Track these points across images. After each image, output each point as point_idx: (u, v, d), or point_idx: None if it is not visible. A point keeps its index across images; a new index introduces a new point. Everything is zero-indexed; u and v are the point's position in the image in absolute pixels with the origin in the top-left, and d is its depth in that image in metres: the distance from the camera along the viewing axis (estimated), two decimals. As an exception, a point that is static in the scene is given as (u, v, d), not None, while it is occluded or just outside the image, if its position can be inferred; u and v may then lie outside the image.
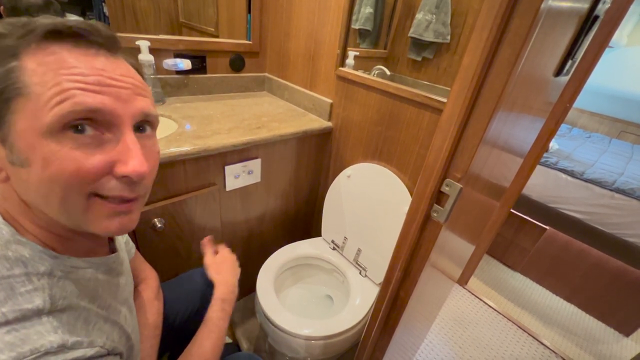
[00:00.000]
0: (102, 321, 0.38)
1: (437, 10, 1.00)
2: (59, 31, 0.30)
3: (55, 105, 0.28)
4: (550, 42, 0.53)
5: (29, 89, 0.28)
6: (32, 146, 0.29)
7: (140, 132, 0.36)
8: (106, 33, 0.33)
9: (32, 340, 0.29)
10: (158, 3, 1.11)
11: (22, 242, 0.33)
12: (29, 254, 0.33)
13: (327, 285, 1.25)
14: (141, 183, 0.35)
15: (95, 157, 0.31)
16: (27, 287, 0.31)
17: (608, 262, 1.62)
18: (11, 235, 0.33)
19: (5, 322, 0.29)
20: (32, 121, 0.29)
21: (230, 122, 1.02)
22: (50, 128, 0.29)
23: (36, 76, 0.29)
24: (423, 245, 0.62)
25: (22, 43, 0.29)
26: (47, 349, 0.30)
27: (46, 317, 0.31)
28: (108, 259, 0.44)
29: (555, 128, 1.29)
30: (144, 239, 0.88)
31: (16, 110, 0.29)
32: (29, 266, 0.32)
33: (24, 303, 0.30)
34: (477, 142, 0.49)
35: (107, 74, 0.32)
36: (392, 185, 0.99)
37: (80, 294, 0.36)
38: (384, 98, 0.98)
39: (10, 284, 0.31)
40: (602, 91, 3.01)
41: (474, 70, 0.45)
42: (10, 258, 0.32)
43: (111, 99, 0.31)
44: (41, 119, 0.29)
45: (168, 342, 0.70)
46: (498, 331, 1.52)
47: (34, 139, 0.29)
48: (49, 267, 0.34)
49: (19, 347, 0.29)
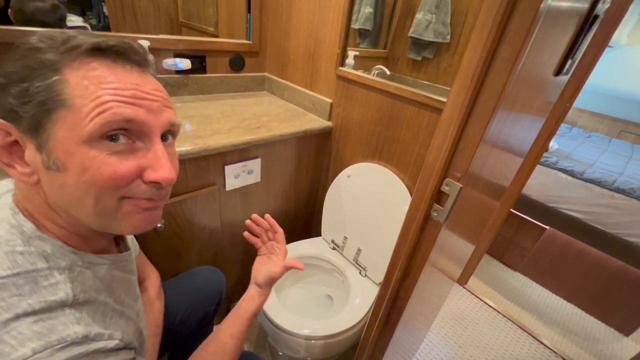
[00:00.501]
0: (117, 316, 0.40)
1: (437, 10, 1.00)
2: (101, 49, 0.33)
3: (96, 115, 0.31)
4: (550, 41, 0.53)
5: (71, 100, 0.31)
6: (71, 153, 0.32)
7: (164, 140, 0.39)
8: (140, 52, 0.36)
9: (59, 331, 0.31)
10: (158, 3, 1.11)
11: (43, 238, 0.35)
12: (51, 250, 0.35)
13: (327, 285, 1.25)
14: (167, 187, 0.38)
15: (129, 162, 0.34)
16: (50, 281, 0.33)
17: (608, 261, 1.62)
18: (33, 231, 0.35)
19: (32, 312, 0.31)
20: (73, 130, 0.31)
21: (230, 122, 1.02)
22: (90, 136, 0.31)
23: (79, 89, 0.31)
24: (423, 244, 0.62)
25: (65, 58, 0.31)
26: (72, 339, 0.31)
27: (69, 309, 0.33)
28: (122, 257, 0.46)
29: (555, 127, 1.29)
30: (144, 239, 0.88)
31: (57, 120, 0.31)
32: (51, 261, 0.34)
33: (48, 295, 0.32)
34: (477, 141, 0.49)
35: (140, 88, 0.34)
36: (392, 185, 0.99)
37: (98, 289, 0.38)
38: (384, 98, 0.98)
39: (34, 277, 0.32)
40: (602, 91, 3.01)
41: (473, 69, 0.45)
42: (33, 253, 0.33)
43: (144, 110, 0.34)
44: (82, 128, 0.31)
45: (168, 341, 0.70)
46: (498, 331, 1.52)
47: (74, 146, 0.31)
48: (69, 262, 0.36)
49: (47, 336, 0.30)
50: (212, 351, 0.54)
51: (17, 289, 0.31)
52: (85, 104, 0.31)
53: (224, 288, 0.88)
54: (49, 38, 0.32)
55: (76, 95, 0.31)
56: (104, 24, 1.03)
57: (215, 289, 0.85)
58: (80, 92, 0.31)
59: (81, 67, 0.32)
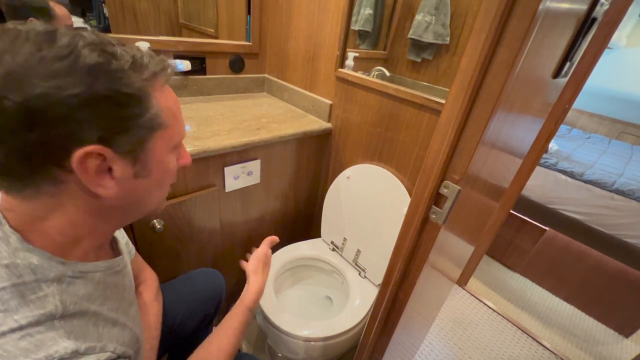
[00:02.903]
0: (110, 325, 0.39)
1: (436, 12, 1.00)
2: (163, 71, 0.38)
3: (179, 131, 0.41)
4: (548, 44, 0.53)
5: (166, 123, 0.38)
6: (160, 160, 0.39)
7: None
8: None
9: (47, 347, 0.30)
10: (158, 4, 1.11)
11: (30, 249, 0.34)
12: (38, 261, 0.33)
13: (327, 286, 1.25)
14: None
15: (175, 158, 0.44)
16: (38, 294, 0.32)
17: (608, 263, 1.62)
18: (19, 242, 0.33)
19: (19, 328, 0.30)
20: (166, 144, 0.39)
21: (230, 123, 1.02)
22: (175, 146, 0.42)
23: (168, 113, 0.38)
24: (422, 246, 0.62)
25: (148, 85, 0.35)
26: (61, 355, 0.30)
27: (58, 322, 0.32)
28: (114, 262, 0.45)
29: (554, 129, 1.29)
30: (143, 240, 0.88)
31: (157, 138, 0.37)
32: (38, 273, 0.33)
33: (35, 309, 0.31)
34: (475, 143, 0.49)
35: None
36: (391, 187, 0.99)
37: (90, 298, 0.37)
38: (383, 99, 0.98)
39: (21, 291, 0.31)
40: (601, 92, 3.01)
41: (471, 72, 0.45)
42: (20, 265, 0.32)
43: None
44: (172, 141, 0.40)
45: (167, 344, 0.70)
46: (498, 332, 1.52)
47: (164, 155, 0.40)
48: (58, 273, 0.35)
49: (34, 353, 0.29)
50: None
51: (2, 304, 0.30)
52: (172, 123, 0.39)
53: (223, 290, 0.88)
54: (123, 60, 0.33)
55: (167, 117, 0.38)
56: (104, 25, 1.03)
57: (214, 291, 0.85)
58: (169, 115, 0.38)
59: (162, 90, 0.37)
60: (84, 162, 0.31)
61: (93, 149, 0.31)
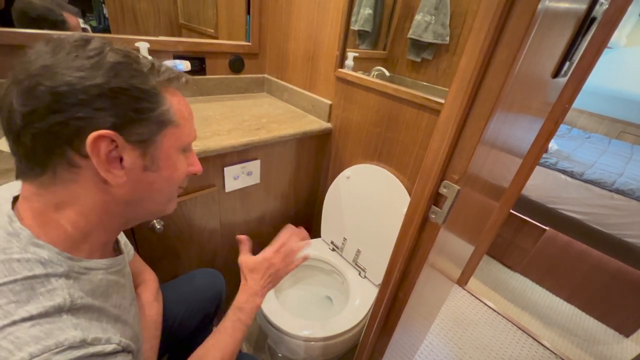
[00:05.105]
0: (114, 320, 0.40)
1: (436, 12, 1.00)
2: (177, 79, 0.42)
3: (188, 133, 0.44)
4: (548, 43, 0.53)
5: (177, 122, 0.41)
6: (169, 157, 0.42)
7: None
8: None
9: (56, 335, 0.31)
10: (158, 4, 1.11)
11: (40, 245, 0.35)
12: (47, 256, 0.35)
13: (327, 286, 1.25)
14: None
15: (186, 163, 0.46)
16: (48, 287, 0.34)
17: (608, 262, 1.62)
18: (29, 238, 0.35)
19: (29, 317, 0.31)
20: (175, 142, 0.42)
21: (230, 123, 1.03)
22: (184, 147, 0.44)
23: (179, 113, 0.42)
24: (421, 246, 0.62)
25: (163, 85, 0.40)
26: (70, 343, 0.32)
27: (66, 314, 0.34)
28: (115, 261, 0.46)
29: (554, 128, 1.29)
30: (143, 241, 0.88)
31: (167, 134, 0.40)
32: (48, 267, 0.35)
33: (45, 301, 0.33)
34: (474, 143, 0.49)
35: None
36: (391, 187, 0.99)
37: (95, 294, 0.39)
38: (383, 99, 0.98)
39: (31, 284, 0.33)
40: (601, 92, 3.01)
41: (471, 72, 0.45)
42: (30, 260, 0.34)
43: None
44: (182, 140, 0.43)
45: (167, 344, 0.70)
46: (498, 332, 1.52)
47: (172, 153, 0.42)
48: (67, 268, 0.36)
49: (44, 340, 0.30)
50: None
51: (14, 295, 0.31)
52: (183, 123, 0.42)
53: (223, 290, 0.88)
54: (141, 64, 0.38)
55: (179, 117, 0.42)
56: (104, 26, 1.03)
57: (214, 291, 0.85)
58: (180, 116, 0.42)
59: (174, 92, 0.42)
60: (97, 144, 0.34)
61: (106, 133, 0.34)
